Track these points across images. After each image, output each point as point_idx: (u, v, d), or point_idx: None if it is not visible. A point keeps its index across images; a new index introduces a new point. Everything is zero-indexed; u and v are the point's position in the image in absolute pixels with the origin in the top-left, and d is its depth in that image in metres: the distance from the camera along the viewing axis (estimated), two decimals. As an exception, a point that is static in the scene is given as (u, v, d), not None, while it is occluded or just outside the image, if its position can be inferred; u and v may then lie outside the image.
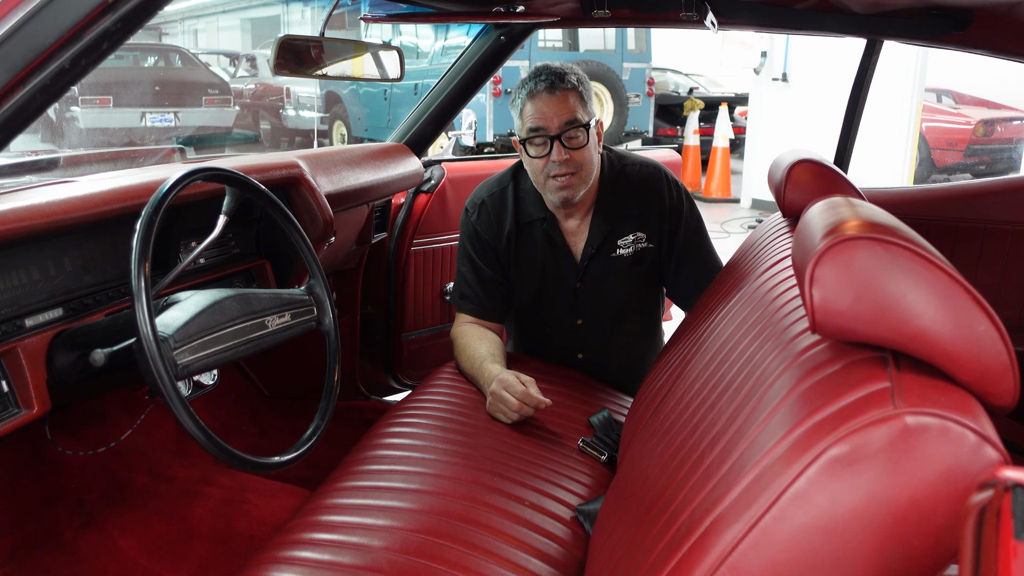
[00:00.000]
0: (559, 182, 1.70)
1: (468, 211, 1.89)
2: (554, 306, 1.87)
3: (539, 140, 1.69)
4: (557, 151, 1.67)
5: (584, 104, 1.70)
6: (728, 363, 1.02)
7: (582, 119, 1.68)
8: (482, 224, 1.85)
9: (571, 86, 1.68)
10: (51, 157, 2.58)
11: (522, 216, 1.84)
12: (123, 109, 9.54)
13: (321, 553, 1.16)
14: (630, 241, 1.81)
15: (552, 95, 1.67)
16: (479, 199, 1.88)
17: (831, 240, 0.70)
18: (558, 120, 1.67)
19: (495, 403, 1.57)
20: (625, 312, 1.88)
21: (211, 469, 1.91)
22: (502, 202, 1.85)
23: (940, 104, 9.02)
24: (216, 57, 15.05)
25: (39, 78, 0.79)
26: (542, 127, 1.68)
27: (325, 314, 1.37)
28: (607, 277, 1.83)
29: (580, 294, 1.84)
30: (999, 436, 0.63)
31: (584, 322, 1.87)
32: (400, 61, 1.94)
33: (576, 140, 1.68)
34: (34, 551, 1.60)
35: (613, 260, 1.81)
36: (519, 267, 1.86)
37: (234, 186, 1.31)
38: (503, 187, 1.86)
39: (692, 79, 11.62)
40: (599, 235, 1.79)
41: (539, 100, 1.68)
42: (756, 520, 0.66)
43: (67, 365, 1.20)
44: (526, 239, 1.84)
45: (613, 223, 1.80)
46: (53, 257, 1.29)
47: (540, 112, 1.67)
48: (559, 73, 1.69)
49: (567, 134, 1.67)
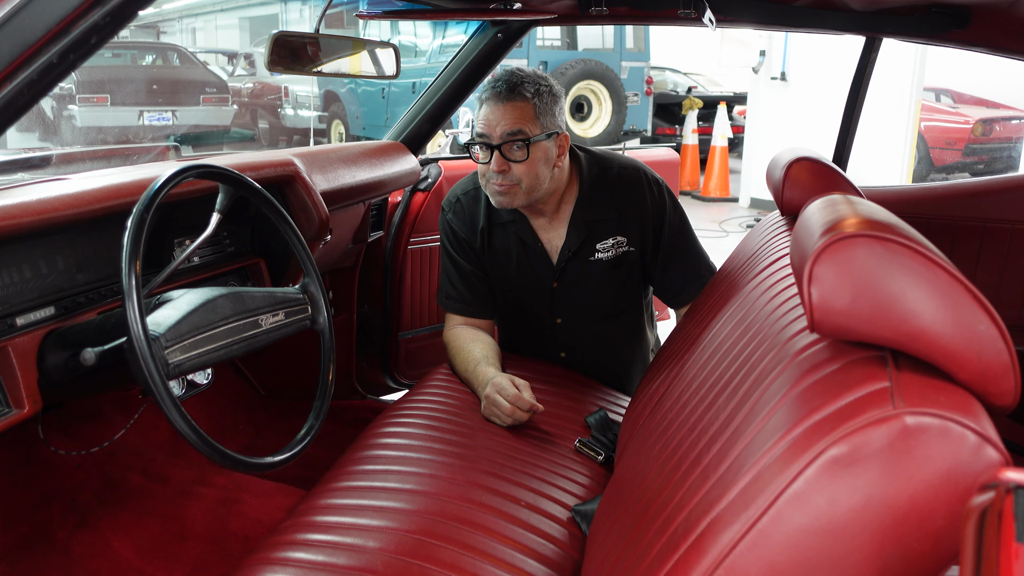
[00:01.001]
0: (495, 187, 1.68)
1: (444, 209, 1.88)
2: (532, 304, 1.86)
3: (483, 148, 1.67)
4: (496, 161, 1.64)
5: (537, 117, 1.65)
6: (726, 362, 1.01)
7: (529, 132, 1.63)
8: (457, 222, 1.85)
9: (524, 97, 1.63)
10: (44, 154, 2.56)
11: (494, 216, 1.82)
12: (121, 108, 9.54)
13: (315, 554, 1.15)
14: (610, 245, 1.79)
15: (499, 104, 1.64)
16: (454, 197, 1.88)
17: (830, 238, 0.69)
18: (500, 130, 1.63)
19: (489, 407, 1.57)
20: (607, 313, 1.86)
21: (206, 469, 1.89)
22: (475, 200, 1.84)
23: (939, 103, 9.01)
24: (214, 56, 15.03)
25: (26, 73, 0.78)
26: (485, 134, 1.65)
27: (320, 313, 1.36)
28: (585, 279, 1.81)
29: (557, 294, 1.83)
30: (1000, 436, 0.62)
31: (564, 321, 1.86)
32: (396, 58, 1.93)
33: (517, 153, 1.64)
34: (27, 551, 1.59)
35: (592, 263, 1.79)
36: (494, 265, 1.85)
37: (227, 183, 1.29)
38: (477, 186, 1.84)
39: (691, 78, 11.61)
40: (577, 239, 1.77)
41: (488, 105, 1.65)
42: (754, 521, 0.65)
43: (58, 364, 1.19)
44: (499, 237, 1.83)
45: (592, 227, 1.77)
46: (45, 255, 1.28)
47: (486, 118, 1.65)
48: (515, 82, 1.64)
49: (508, 144, 1.64)
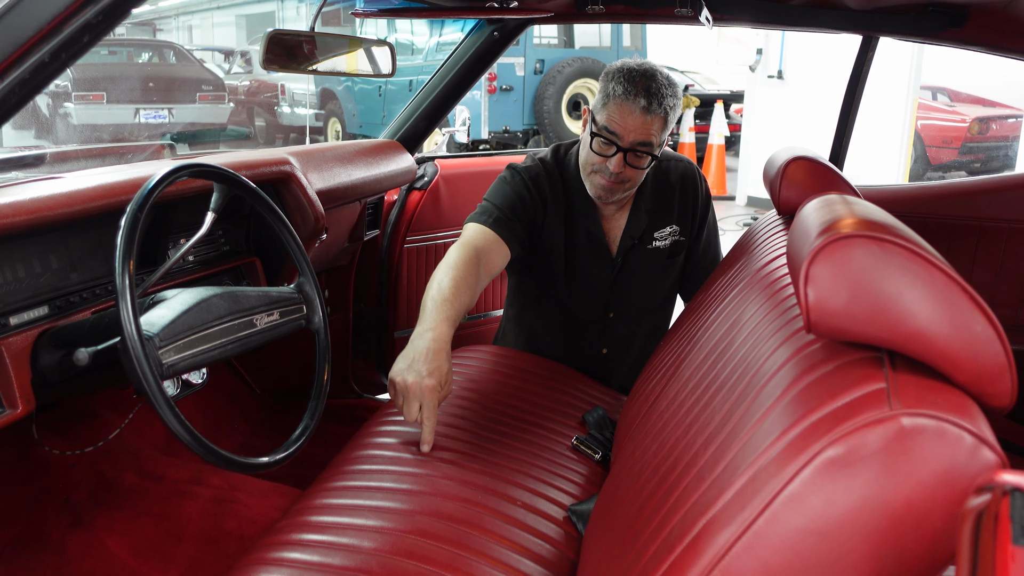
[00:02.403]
0: (604, 181, 1.69)
1: (517, 171, 1.77)
2: (587, 298, 1.86)
3: (607, 142, 1.67)
4: (617, 162, 1.66)
5: (664, 130, 1.67)
6: (722, 362, 1.00)
7: (655, 144, 1.66)
8: (533, 185, 1.75)
9: (664, 112, 1.64)
10: (38, 153, 2.55)
11: (569, 203, 1.79)
12: (117, 105, 9.51)
13: (311, 554, 1.15)
14: (667, 233, 1.84)
15: (642, 114, 1.62)
16: (534, 170, 1.77)
17: (826, 238, 0.69)
18: (634, 136, 1.64)
19: (399, 393, 1.32)
20: (654, 305, 1.90)
21: (201, 468, 1.89)
22: (551, 183, 1.79)
23: (935, 102, 9.02)
24: (211, 53, 15.01)
25: (18, 72, 0.77)
26: (617, 134, 1.65)
27: (315, 312, 1.35)
28: (644, 269, 1.84)
29: (615, 285, 1.85)
30: (996, 436, 0.62)
31: (615, 315, 1.88)
32: (392, 57, 1.93)
33: (640, 160, 1.67)
34: (21, 551, 1.58)
35: (650, 252, 1.83)
36: (548, 251, 1.81)
37: (221, 182, 1.29)
38: (550, 171, 1.79)
39: (688, 76, 11.59)
40: (638, 227, 1.81)
41: (627, 109, 1.63)
42: (749, 523, 0.65)
43: (52, 364, 1.19)
44: (566, 227, 1.80)
45: (652, 215, 1.82)
46: (39, 254, 1.27)
47: (623, 121, 1.63)
48: (659, 92, 1.63)
49: (634, 152, 1.66)
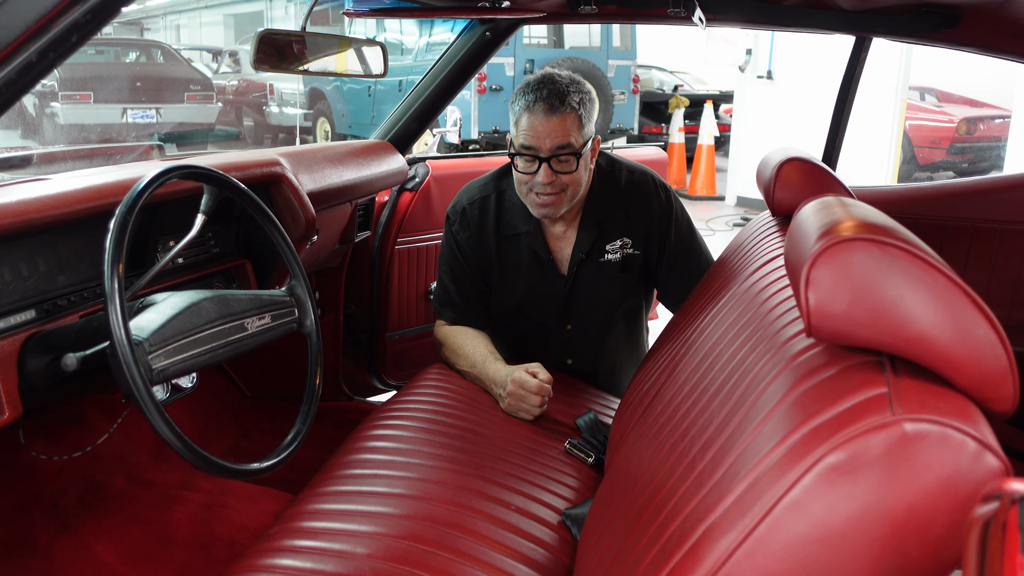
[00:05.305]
0: (541, 200, 1.67)
1: (449, 219, 1.85)
2: (542, 313, 1.84)
3: (528, 158, 1.65)
4: (544, 173, 1.63)
5: (582, 127, 1.64)
6: (719, 366, 1.00)
7: (576, 144, 1.63)
8: (464, 234, 1.81)
9: (571, 108, 1.62)
10: (24, 154, 2.52)
11: (504, 228, 1.80)
12: (104, 105, 9.44)
13: (303, 561, 1.14)
14: (617, 247, 1.79)
15: (549, 117, 1.61)
16: (460, 207, 1.83)
17: (826, 242, 0.69)
18: (550, 143, 1.62)
19: (515, 403, 1.60)
20: (614, 316, 1.86)
21: (191, 473, 1.87)
22: (483, 211, 1.80)
23: (924, 102, 9.07)
24: (199, 53, 14.93)
25: (4, 72, 0.76)
26: (533, 146, 1.63)
27: (306, 315, 1.34)
28: (597, 282, 1.80)
29: (569, 300, 1.82)
30: (998, 442, 0.61)
31: (573, 327, 1.85)
32: (384, 57, 1.91)
33: (565, 165, 1.64)
34: (8, 558, 1.56)
35: (601, 265, 1.79)
36: (502, 277, 1.83)
37: (211, 184, 1.27)
38: (485, 195, 1.81)
39: (677, 76, 11.63)
40: (588, 240, 1.77)
41: (535, 118, 1.62)
42: (750, 530, 0.64)
43: (39, 369, 1.16)
44: (509, 250, 1.81)
45: (601, 228, 1.77)
46: (26, 257, 1.25)
47: (534, 131, 1.62)
48: (561, 93, 1.61)
49: (557, 158, 1.63)
